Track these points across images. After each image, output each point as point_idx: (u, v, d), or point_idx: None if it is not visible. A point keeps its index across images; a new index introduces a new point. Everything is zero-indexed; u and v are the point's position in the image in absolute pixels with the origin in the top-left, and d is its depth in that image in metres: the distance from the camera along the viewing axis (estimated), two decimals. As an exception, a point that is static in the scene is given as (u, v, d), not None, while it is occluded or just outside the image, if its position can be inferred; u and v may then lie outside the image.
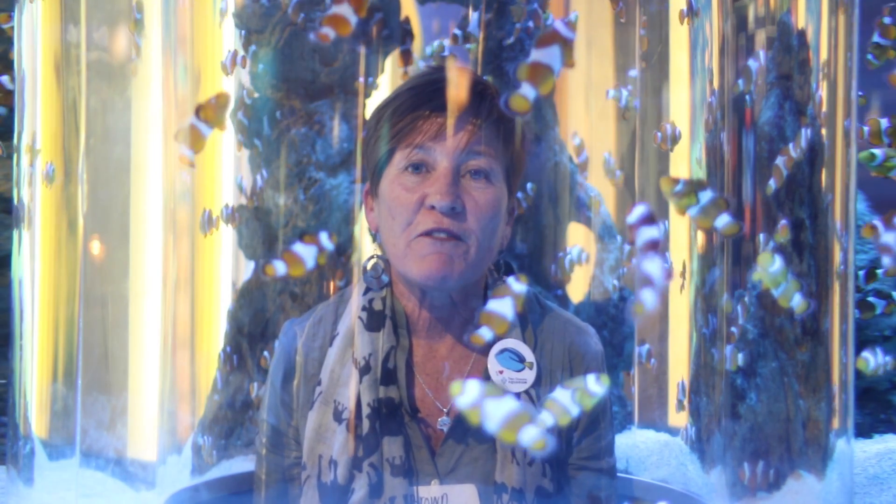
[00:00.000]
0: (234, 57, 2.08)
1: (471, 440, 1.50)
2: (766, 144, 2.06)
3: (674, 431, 2.11)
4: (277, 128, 2.40)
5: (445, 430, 1.51)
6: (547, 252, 2.47)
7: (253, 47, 2.36)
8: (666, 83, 2.06)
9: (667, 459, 2.28)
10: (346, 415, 1.50)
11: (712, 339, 1.87)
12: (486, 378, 1.50)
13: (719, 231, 1.19)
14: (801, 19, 1.91)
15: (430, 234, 1.45)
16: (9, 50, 1.96)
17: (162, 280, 1.91)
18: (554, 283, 2.43)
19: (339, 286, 2.06)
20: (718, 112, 1.82)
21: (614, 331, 2.55)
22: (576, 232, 2.54)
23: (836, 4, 1.82)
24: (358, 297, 1.55)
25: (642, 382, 2.16)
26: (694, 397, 1.96)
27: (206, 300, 2.08)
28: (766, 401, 2.16)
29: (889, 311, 2.22)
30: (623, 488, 1.72)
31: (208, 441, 2.17)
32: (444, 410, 1.52)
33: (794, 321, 2.10)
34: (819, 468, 2.00)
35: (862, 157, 2.02)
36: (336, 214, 2.39)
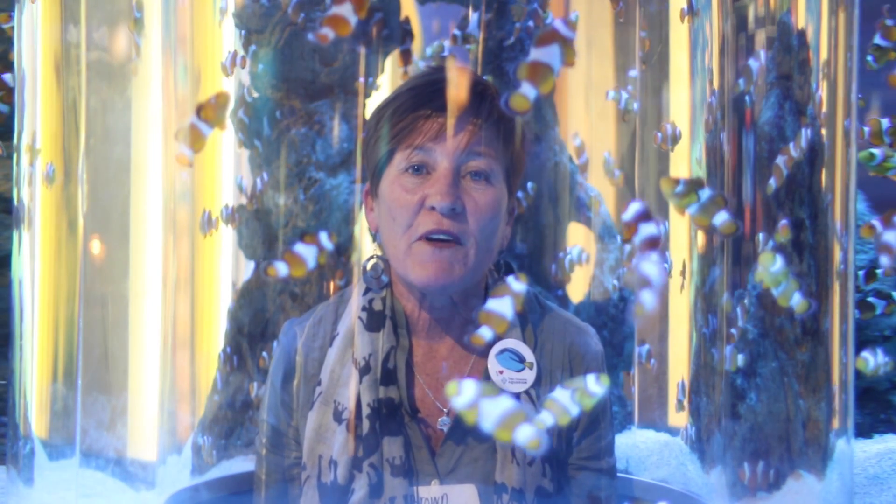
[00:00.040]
0: (233, 58, 2.07)
1: (471, 440, 1.50)
2: (766, 144, 2.06)
3: (674, 431, 2.10)
4: (277, 128, 2.40)
5: (445, 430, 1.51)
6: (547, 252, 2.47)
7: (253, 47, 2.36)
8: (666, 83, 2.06)
9: (667, 459, 2.28)
10: (346, 415, 1.50)
11: (712, 339, 1.87)
12: (487, 378, 1.50)
13: (717, 229, 1.19)
14: (801, 19, 1.91)
15: (430, 236, 1.45)
16: (9, 50, 1.96)
17: (162, 280, 1.91)
18: (554, 283, 2.43)
19: (340, 286, 2.05)
20: (718, 112, 1.81)
21: (614, 331, 2.55)
22: (576, 232, 2.53)
23: (836, 4, 1.82)
24: (358, 298, 1.55)
25: (642, 382, 2.16)
26: (694, 397, 1.96)
27: (206, 300, 2.08)
28: (766, 401, 2.16)
29: (889, 311, 2.22)
30: (623, 488, 1.72)
31: (208, 441, 2.17)
32: (444, 410, 1.52)
33: (794, 321, 2.10)
34: (819, 468, 2.00)
35: (861, 157, 2.02)
36: (336, 214, 2.39)
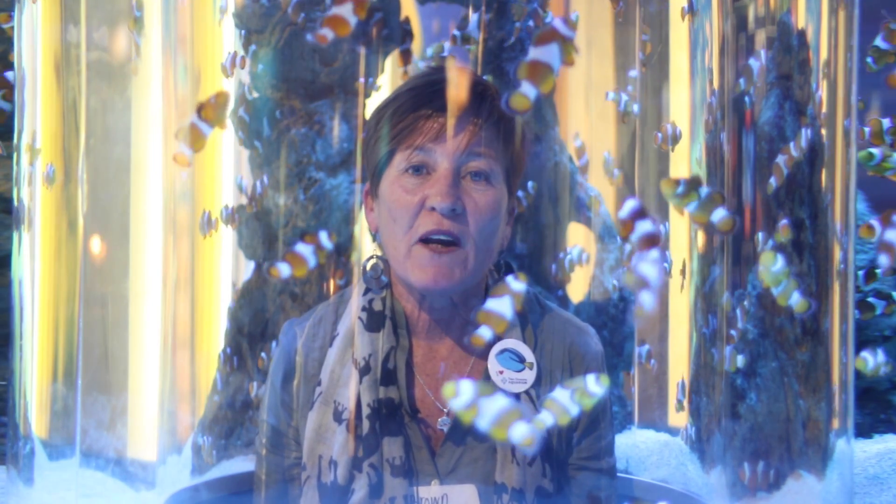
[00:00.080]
0: (233, 58, 2.07)
1: (471, 440, 1.50)
2: (766, 144, 2.06)
3: (674, 431, 2.10)
4: (277, 128, 2.40)
5: (445, 430, 1.51)
6: (547, 252, 2.47)
7: (253, 47, 2.36)
8: (666, 83, 2.06)
9: (667, 459, 2.28)
10: (346, 415, 1.50)
11: (712, 340, 1.87)
12: (487, 378, 1.50)
13: (715, 226, 1.19)
14: (801, 19, 1.91)
15: (430, 237, 1.45)
16: (9, 50, 1.96)
17: (162, 280, 1.91)
18: (554, 284, 2.43)
19: (340, 286, 2.05)
20: (718, 112, 1.81)
21: (614, 331, 2.55)
22: (576, 232, 2.53)
23: (835, 4, 1.82)
24: (358, 298, 1.55)
25: (642, 382, 2.16)
26: (694, 397, 1.96)
27: (205, 300, 2.08)
28: (766, 401, 2.16)
29: (889, 311, 2.22)
30: (623, 488, 1.72)
31: (208, 441, 2.17)
32: (444, 411, 1.52)
33: (794, 321, 2.10)
34: (819, 468, 2.00)
35: (860, 157, 2.02)
36: (336, 214, 2.39)
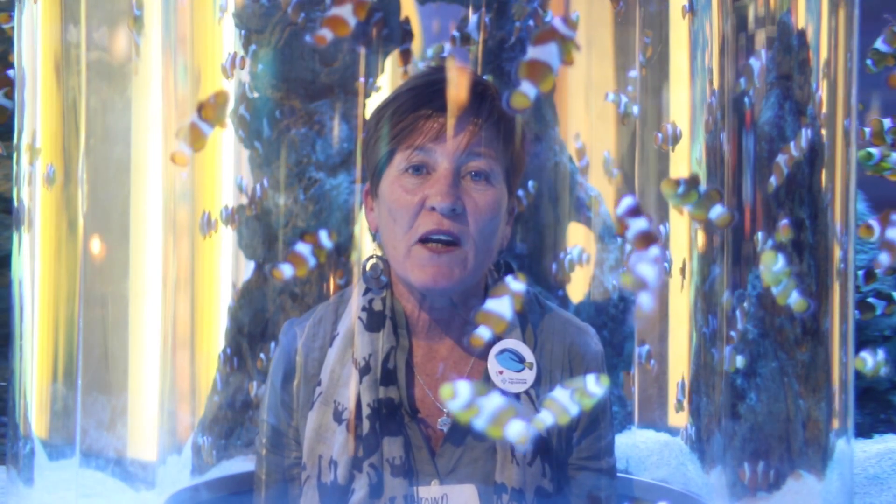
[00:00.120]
0: (233, 59, 2.07)
1: (470, 440, 1.50)
2: (766, 144, 2.06)
3: (674, 431, 2.10)
4: (277, 128, 2.40)
5: (445, 430, 1.51)
6: (547, 252, 2.47)
7: (253, 47, 2.36)
8: (666, 83, 2.06)
9: (667, 459, 2.28)
10: (346, 415, 1.50)
11: (712, 340, 1.87)
12: (487, 378, 1.50)
13: (713, 222, 1.19)
14: (801, 19, 1.91)
15: (430, 237, 1.45)
16: (9, 50, 1.96)
17: (162, 280, 1.91)
18: (554, 283, 2.43)
19: (340, 286, 2.06)
20: (718, 112, 1.81)
21: (614, 331, 2.55)
22: (576, 232, 2.53)
23: (835, 4, 1.82)
24: (358, 298, 1.55)
25: (642, 382, 2.16)
26: (694, 397, 1.96)
27: (205, 300, 2.08)
28: (766, 401, 2.16)
29: (889, 311, 2.22)
30: (623, 488, 1.72)
31: (208, 441, 2.17)
32: (444, 411, 1.52)
33: (794, 321, 2.10)
34: (819, 468, 2.00)
35: (859, 156, 2.01)
36: (336, 214, 2.39)
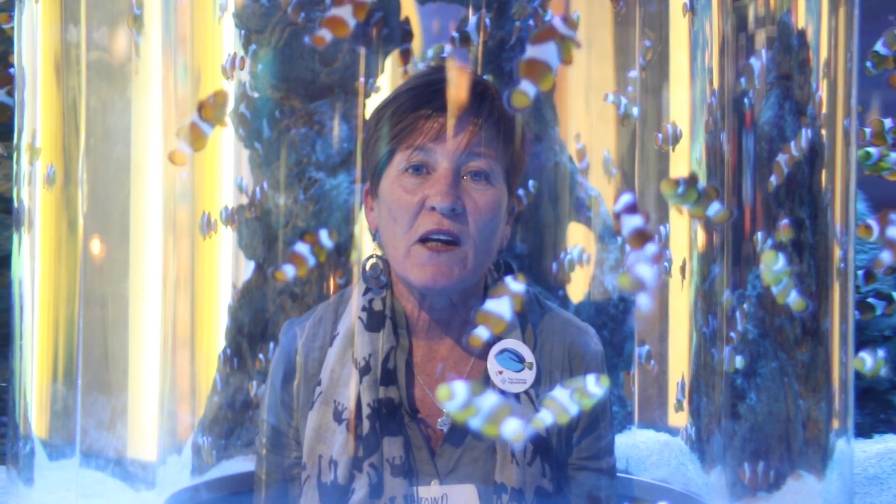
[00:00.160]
0: (233, 60, 2.07)
1: (470, 440, 1.50)
2: (766, 144, 2.06)
3: (674, 431, 2.10)
4: (277, 128, 2.40)
5: (445, 430, 1.51)
6: (547, 252, 2.47)
7: (253, 47, 2.36)
8: (666, 83, 2.06)
9: (667, 459, 2.28)
10: (346, 415, 1.50)
11: (712, 339, 1.87)
12: (486, 378, 1.50)
13: (711, 219, 1.19)
14: (801, 19, 1.91)
15: (430, 237, 1.45)
16: (9, 50, 1.96)
17: (162, 280, 1.91)
18: (554, 283, 2.43)
19: (340, 286, 2.06)
20: (718, 112, 1.81)
21: (614, 331, 2.55)
22: (576, 232, 2.53)
23: (835, 4, 1.82)
24: (358, 298, 1.55)
25: (642, 382, 2.16)
26: (694, 397, 1.96)
27: (205, 300, 2.08)
28: (766, 401, 2.16)
29: (889, 311, 2.22)
30: (623, 488, 1.72)
31: (208, 441, 2.17)
32: (444, 411, 1.52)
33: (794, 321, 2.10)
34: (819, 468, 2.00)
35: (857, 155, 2.01)
36: (336, 214, 2.39)
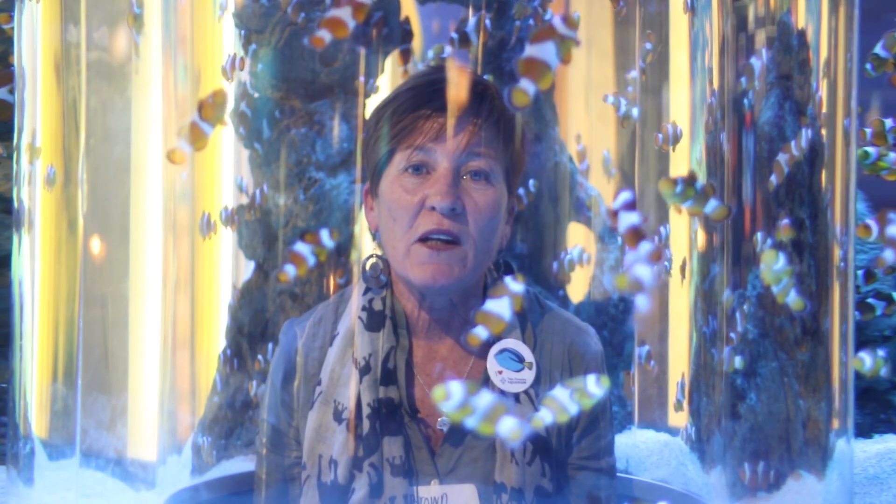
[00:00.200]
0: (233, 61, 2.07)
1: (470, 440, 1.50)
2: (766, 144, 2.06)
3: (674, 431, 2.10)
4: (277, 128, 2.40)
5: (445, 430, 1.51)
6: (547, 252, 2.47)
7: (253, 47, 2.36)
8: (666, 83, 2.06)
9: (667, 459, 2.28)
10: (346, 415, 1.50)
11: (712, 339, 1.87)
12: (486, 378, 1.50)
13: (709, 216, 1.19)
14: (801, 19, 1.91)
15: (430, 236, 1.45)
16: (9, 50, 1.96)
17: (162, 280, 1.91)
18: (554, 283, 2.43)
19: (340, 285, 2.06)
20: (718, 112, 1.81)
21: (614, 331, 2.55)
22: (576, 232, 2.53)
23: (835, 4, 1.82)
24: (358, 297, 1.55)
25: (642, 382, 2.16)
26: (694, 397, 1.96)
27: (205, 300, 2.08)
28: (766, 401, 2.16)
29: (889, 312, 2.22)
30: (623, 488, 1.72)
31: (208, 441, 2.17)
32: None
33: (794, 321, 2.10)
34: (819, 468, 2.00)
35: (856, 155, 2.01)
36: (336, 214, 2.39)
